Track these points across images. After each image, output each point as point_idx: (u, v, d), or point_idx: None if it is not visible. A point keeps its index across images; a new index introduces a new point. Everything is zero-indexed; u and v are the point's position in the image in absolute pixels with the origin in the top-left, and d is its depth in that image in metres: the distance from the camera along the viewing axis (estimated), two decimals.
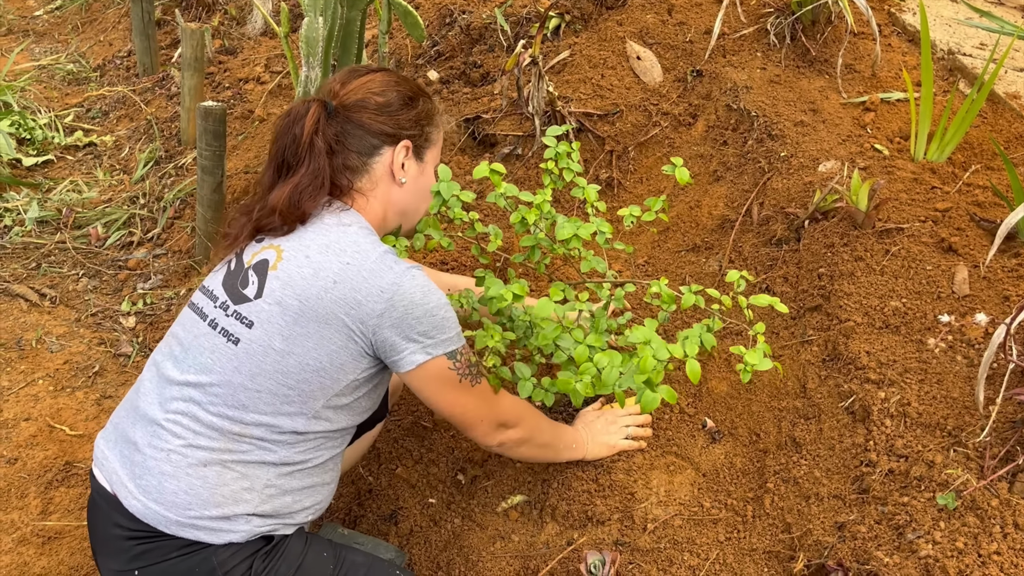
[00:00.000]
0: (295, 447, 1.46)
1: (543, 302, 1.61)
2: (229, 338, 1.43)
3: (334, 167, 1.53)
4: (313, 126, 1.50)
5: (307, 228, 1.49)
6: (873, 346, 1.80)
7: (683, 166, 1.79)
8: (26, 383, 2.47)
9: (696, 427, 1.91)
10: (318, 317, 1.40)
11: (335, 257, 1.43)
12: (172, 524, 1.39)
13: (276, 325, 1.41)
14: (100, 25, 5.29)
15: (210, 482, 1.39)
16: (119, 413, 1.53)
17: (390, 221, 1.63)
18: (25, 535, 2.00)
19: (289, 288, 1.42)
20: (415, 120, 1.59)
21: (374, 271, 1.42)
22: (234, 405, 1.41)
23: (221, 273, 1.53)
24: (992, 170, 2.28)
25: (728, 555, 1.63)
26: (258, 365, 1.41)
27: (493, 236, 1.80)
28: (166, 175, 3.54)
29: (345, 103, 1.54)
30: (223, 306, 1.47)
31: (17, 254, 3.13)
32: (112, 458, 1.47)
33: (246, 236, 1.53)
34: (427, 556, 1.86)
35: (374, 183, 1.56)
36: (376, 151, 1.55)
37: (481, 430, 1.60)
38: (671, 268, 2.34)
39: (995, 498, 1.44)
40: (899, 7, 2.95)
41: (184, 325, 1.52)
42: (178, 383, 1.45)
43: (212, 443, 1.41)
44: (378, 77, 1.58)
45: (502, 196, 1.75)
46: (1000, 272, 1.90)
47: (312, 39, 2.55)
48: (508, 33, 3.13)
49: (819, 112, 2.48)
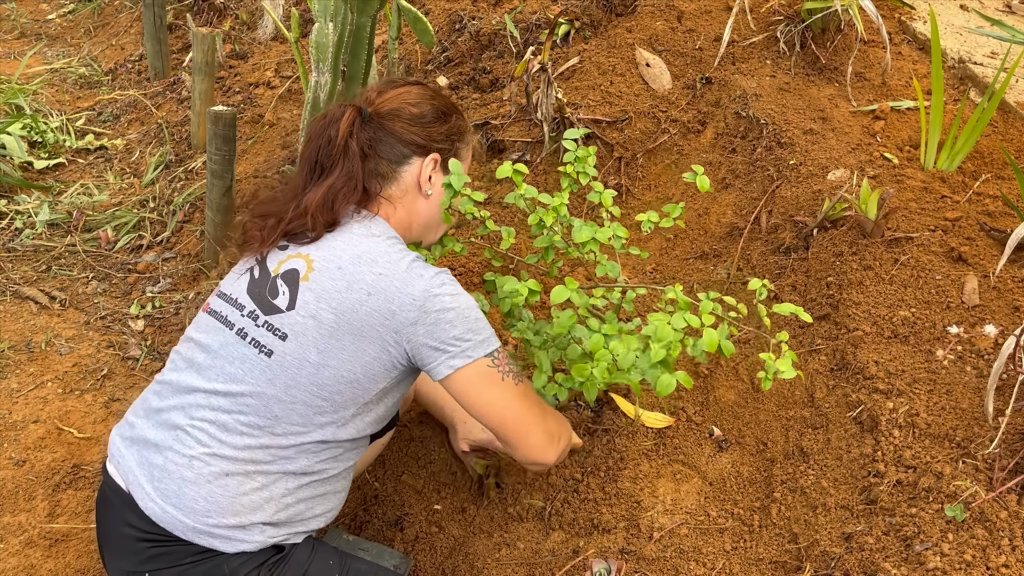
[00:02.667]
0: (318, 455, 1.46)
1: (558, 289, 1.60)
2: (261, 349, 1.43)
3: (366, 171, 1.55)
4: (348, 128, 1.53)
5: (335, 237, 1.50)
6: (882, 356, 1.79)
7: (690, 174, 1.79)
8: (35, 385, 2.48)
9: (703, 435, 1.90)
10: (353, 330, 1.41)
11: (368, 268, 1.44)
12: (189, 530, 1.38)
13: (311, 338, 1.41)
14: (112, 29, 5.32)
15: (230, 491, 1.39)
16: (137, 412, 1.52)
17: (415, 232, 1.65)
18: (32, 537, 2.00)
19: (324, 301, 1.42)
20: (446, 134, 1.62)
21: (406, 280, 1.43)
22: (266, 416, 1.41)
23: (244, 281, 1.51)
24: (1003, 179, 2.27)
25: (734, 565, 1.63)
26: (293, 378, 1.41)
27: (506, 235, 1.80)
28: (176, 179, 3.55)
29: (380, 111, 1.57)
30: (251, 316, 1.46)
31: (28, 256, 3.15)
32: (129, 457, 1.46)
33: (274, 239, 1.52)
34: (432, 562, 1.86)
35: (402, 192, 1.58)
36: (406, 160, 1.58)
37: (537, 441, 1.53)
38: (679, 275, 2.34)
39: (1004, 510, 1.43)
40: (910, 15, 2.95)
41: (206, 332, 1.50)
42: (204, 391, 1.44)
43: (237, 453, 1.41)
44: (415, 90, 1.62)
45: (522, 197, 1.76)
46: (1010, 282, 1.89)
47: (322, 44, 2.56)
48: (518, 39, 3.14)
49: (829, 120, 2.48)
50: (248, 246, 1.56)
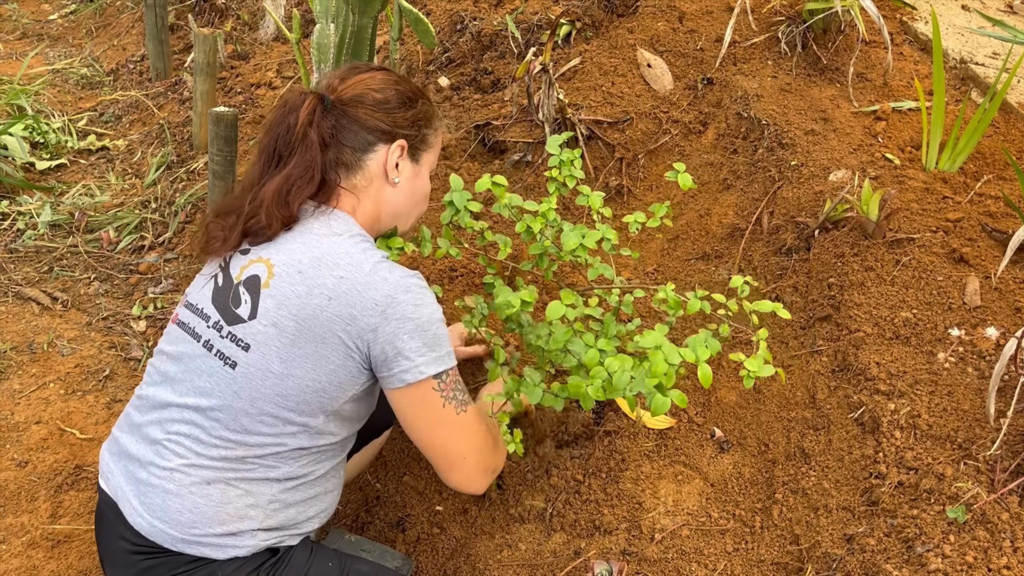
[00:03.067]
0: (298, 461, 1.44)
1: (554, 305, 1.60)
2: (226, 361, 1.40)
3: (326, 161, 1.49)
4: (308, 117, 1.47)
5: (295, 237, 1.44)
6: (883, 357, 1.79)
7: (691, 174, 1.80)
8: (37, 386, 2.48)
9: (704, 437, 1.90)
10: (315, 336, 1.37)
11: (328, 271, 1.39)
12: (177, 542, 1.38)
13: (273, 347, 1.37)
14: (114, 30, 5.32)
15: (214, 500, 1.38)
16: (121, 426, 1.51)
17: (384, 223, 1.59)
18: (34, 538, 2.01)
19: (284, 308, 1.38)
20: (412, 120, 1.56)
21: (368, 284, 1.38)
22: (236, 429, 1.39)
23: (209, 289, 1.47)
24: (1004, 180, 2.27)
25: (736, 566, 1.63)
26: (257, 389, 1.38)
27: (502, 245, 1.81)
28: (178, 179, 3.55)
29: (343, 97, 1.51)
30: (216, 326, 1.42)
31: (30, 257, 3.15)
32: (117, 472, 1.46)
33: (234, 239, 1.48)
34: (434, 564, 1.86)
35: (367, 181, 1.53)
36: (371, 148, 1.52)
37: (464, 472, 1.48)
38: (680, 276, 2.34)
39: (1005, 512, 1.43)
40: (911, 16, 2.94)
41: (175, 344, 1.48)
42: (177, 405, 1.42)
43: (215, 463, 1.39)
44: (379, 75, 1.56)
45: (506, 206, 1.76)
46: (1012, 283, 1.89)
47: (324, 45, 2.56)
48: (519, 40, 3.14)
49: (830, 121, 2.48)
50: (210, 248, 1.51)
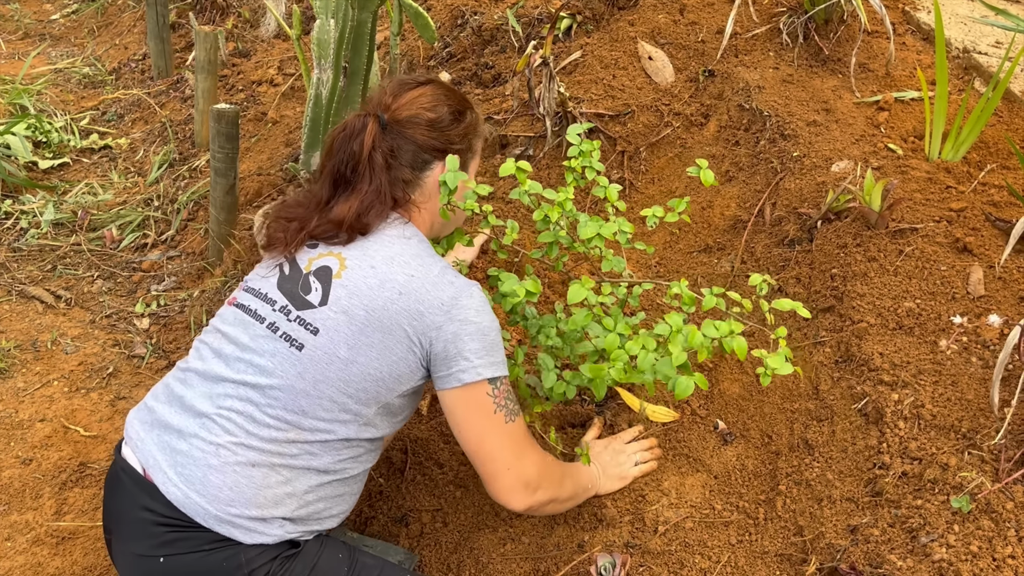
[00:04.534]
0: (340, 453, 1.47)
1: (575, 288, 1.60)
2: (292, 343, 1.45)
3: (391, 181, 1.57)
4: (372, 142, 1.55)
5: (367, 239, 1.53)
6: (887, 347, 1.78)
7: (693, 167, 1.79)
8: (41, 384, 2.49)
9: (708, 429, 1.90)
10: (383, 327, 1.44)
11: (400, 269, 1.48)
12: (211, 518, 1.38)
13: (342, 334, 1.44)
14: (116, 29, 5.33)
15: (256, 482, 1.40)
16: (158, 397, 1.52)
17: (435, 230, 1.69)
18: (39, 535, 2.01)
19: (356, 298, 1.45)
20: (463, 134, 1.64)
21: (436, 284, 1.47)
22: (294, 410, 1.42)
23: (274, 277, 1.54)
24: (1008, 169, 2.25)
25: (739, 558, 1.62)
26: (322, 372, 1.43)
27: (509, 229, 1.80)
28: (180, 177, 3.56)
29: (397, 118, 1.58)
30: (283, 310, 1.48)
31: (33, 256, 3.16)
32: (149, 440, 1.46)
33: (298, 241, 1.55)
34: (437, 558, 1.86)
35: (426, 196, 1.61)
36: (427, 166, 1.60)
37: (506, 483, 1.52)
38: (683, 269, 2.33)
39: (1010, 501, 1.42)
40: (913, 5, 2.93)
41: (233, 325, 1.51)
42: (233, 381, 1.45)
43: (264, 444, 1.41)
44: (428, 91, 1.62)
45: (526, 193, 1.75)
46: (1016, 272, 1.88)
47: (324, 41, 2.56)
48: (520, 34, 3.13)
49: (832, 112, 2.47)
50: (272, 247, 1.59)
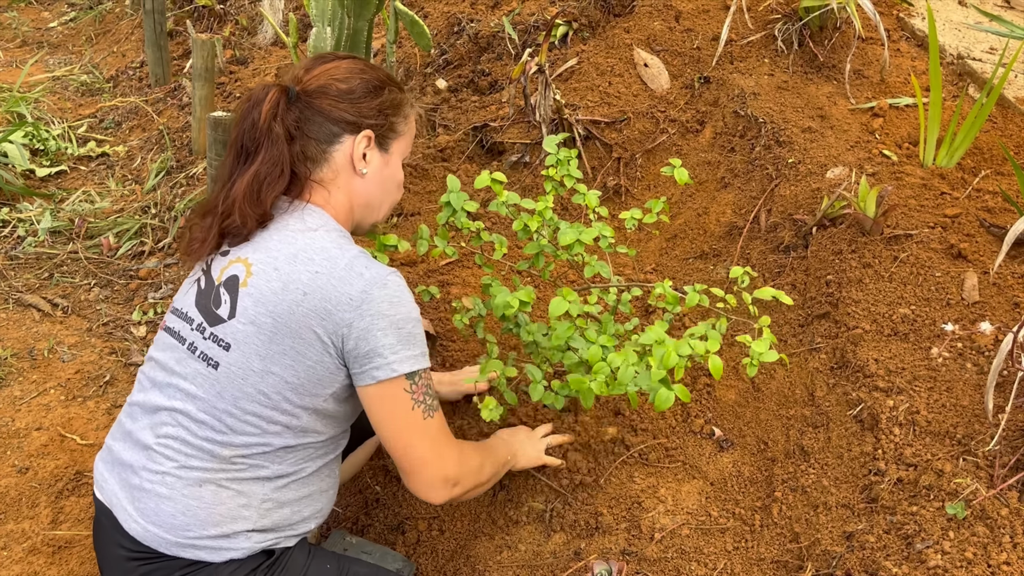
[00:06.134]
0: (286, 460, 1.44)
1: (556, 302, 1.60)
2: (209, 362, 1.40)
3: (293, 154, 1.46)
4: (271, 110, 1.44)
5: (271, 235, 1.44)
6: (882, 354, 1.78)
7: (689, 173, 1.80)
8: (38, 392, 2.48)
9: (704, 436, 1.90)
10: (292, 332, 1.37)
11: (303, 267, 1.38)
12: (172, 546, 1.38)
13: (252, 345, 1.37)
14: (113, 36, 5.34)
15: (206, 502, 1.38)
16: (114, 435, 1.52)
17: (358, 214, 1.56)
18: (35, 544, 2.01)
19: (261, 305, 1.38)
20: (379, 109, 1.52)
21: (343, 278, 1.37)
22: (221, 431, 1.39)
23: (192, 293, 1.48)
24: (1002, 175, 2.26)
25: (736, 564, 1.63)
26: (239, 388, 1.38)
27: (498, 245, 1.81)
28: (177, 185, 3.56)
29: (307, 88, 1.48)
30: (200, 328, 1.43)
31: (30, 264, 3.16)
32: (111, 480, 1.47)
33: (213, 240, 1.47)
34: (434, 566, 1.86)
35: (335, 173, 1.50)
36: (336, 139, 1.48)
37: (425, 479, 1.46)
38: (679, 275, 2.34)
39: (1005, 507, 1.43)
40: (907, 12, 2.94)
41: (163, 350, 1.48)
42: (167, 409, 1.42)
43: (206, 464, 1.40)
44: (344, 64, 1.52)
45: (504, 204, 1.76)
46: (1010, 278, 1.88)
47: (320, 49, 2.56)
48: (516, 41, 3.14)
49: (827, 118, 2.48)
50: (191, 250, 1.50)
